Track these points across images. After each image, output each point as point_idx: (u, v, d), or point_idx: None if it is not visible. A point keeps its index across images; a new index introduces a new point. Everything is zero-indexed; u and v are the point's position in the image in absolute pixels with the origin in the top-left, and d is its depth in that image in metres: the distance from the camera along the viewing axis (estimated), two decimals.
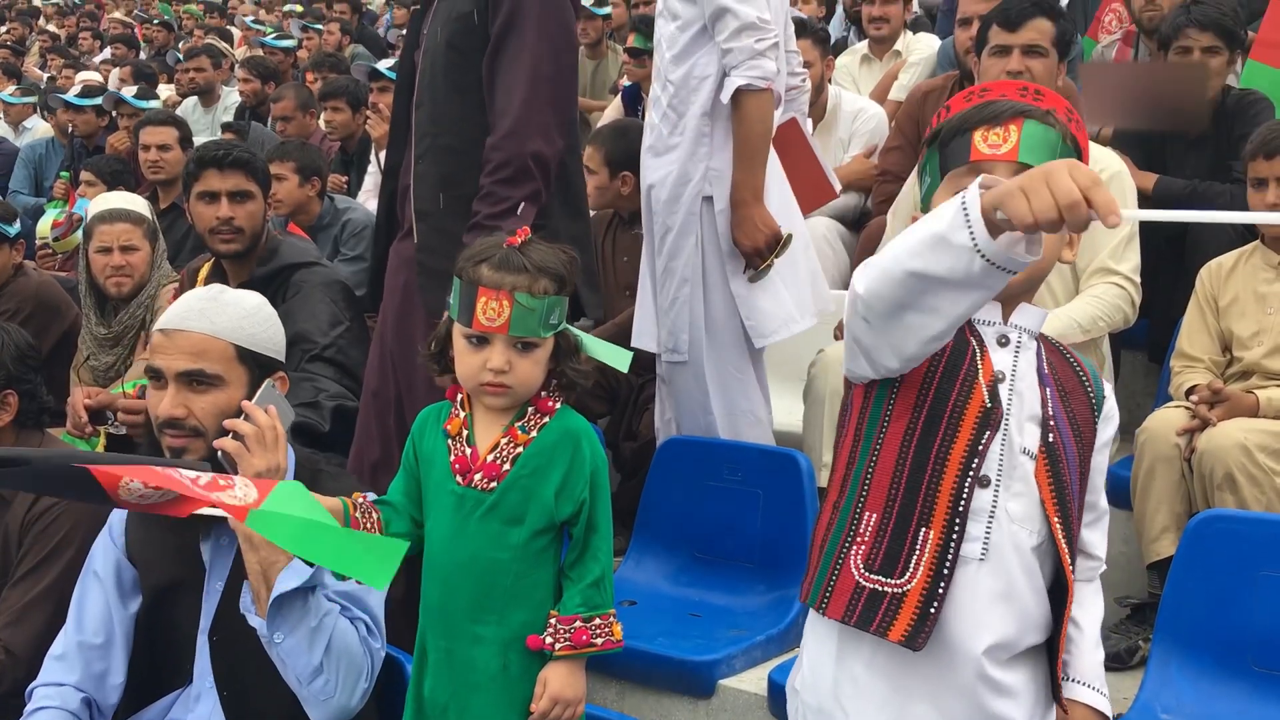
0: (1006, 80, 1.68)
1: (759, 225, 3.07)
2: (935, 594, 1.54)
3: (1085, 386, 1.66)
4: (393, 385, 2.90)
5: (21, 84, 10.37)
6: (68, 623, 2.22)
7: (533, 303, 1.85)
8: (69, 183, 6.72)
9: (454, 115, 2.77)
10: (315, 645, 1.95)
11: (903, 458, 1.58)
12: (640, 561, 3.20)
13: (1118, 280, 3.10)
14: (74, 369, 3.90)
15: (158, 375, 2.13)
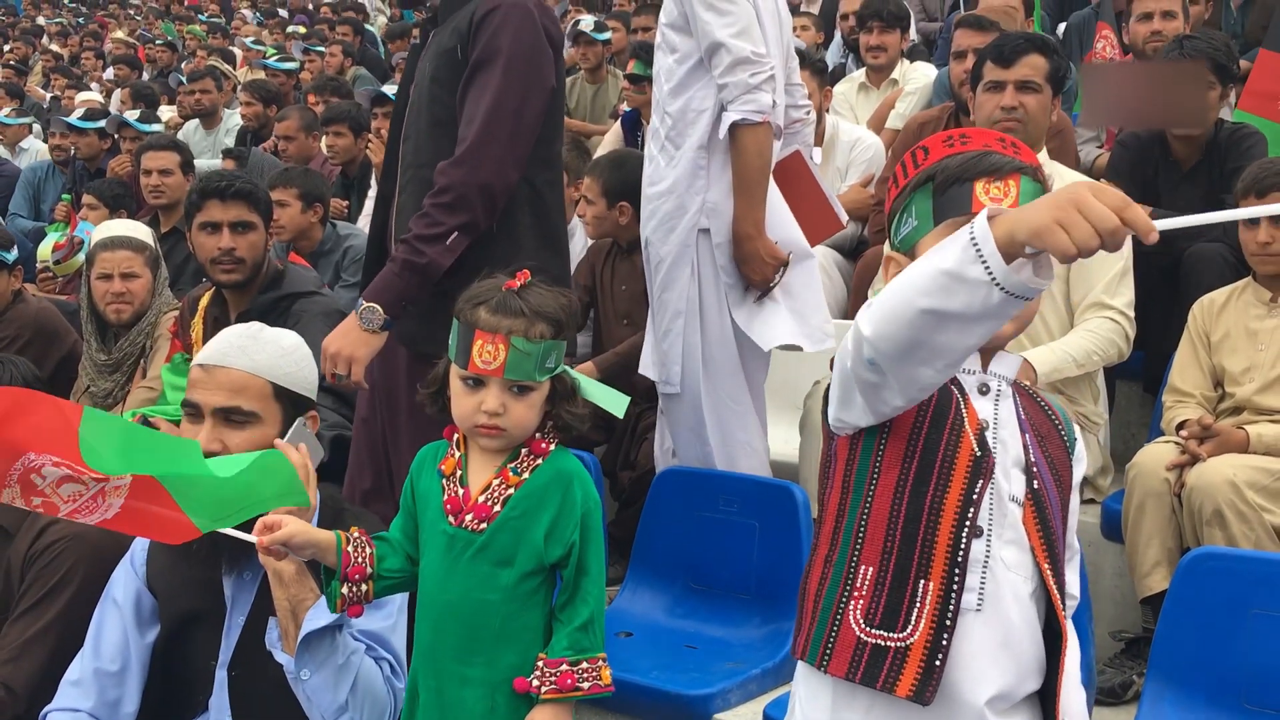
0: (985, 130, 1.69)
1: (764, 257, 3.10)
2: (940, 646, 1.53)
3: (1059, 430, 1.68)
4: (380, 419, 2.91)
5: (23, 104, 10.43)
6: (85, 648, 2.23)
7: (529, 347, 1.86)
8: (71, 205, 6.75)
9: (434, 148, 2.79)
10: (341, 683, 1.97)
11: (896, 509, 1.57)
12: (636, 592, 3.21)
13: (1112, 315, 3.13)
14: (74, 395, 3.92)
15: (195, 409, 2.17)
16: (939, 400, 1.59)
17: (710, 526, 3.15)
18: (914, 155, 1.67)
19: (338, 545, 1.86)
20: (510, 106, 2.70)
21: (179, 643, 2.23)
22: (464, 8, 2.79)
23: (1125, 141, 3.98)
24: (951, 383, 1.60)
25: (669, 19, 3.16)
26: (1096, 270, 3.14)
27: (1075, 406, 3.21)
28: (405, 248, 2.65)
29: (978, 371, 1.62)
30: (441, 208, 2.66)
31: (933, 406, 1.59)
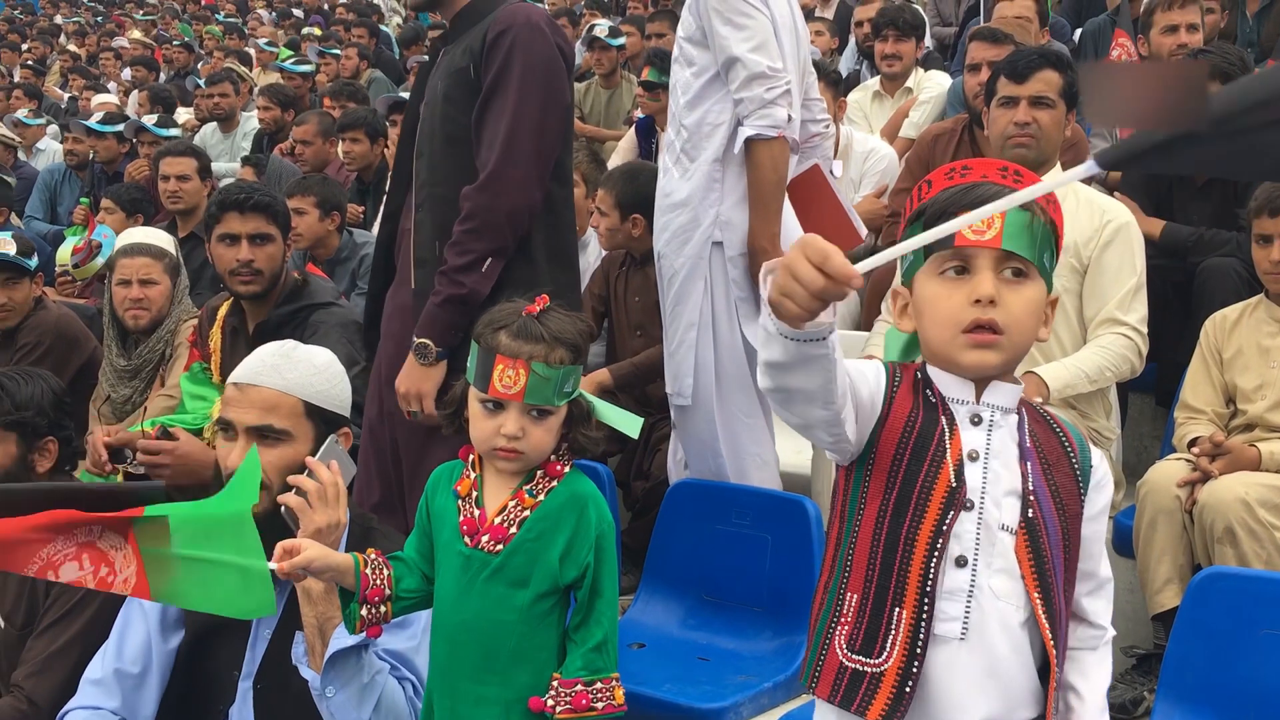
0: (988, 160, 1.71)
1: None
2: (910, 674, 1.58)
3: (1070, 456, 1.67)
4: (388, 432, 2.94)
5: (41, 104, 10.50)
6: (108, 647, 2.26)
7: (548, 372, 1.89)
8: (89, 209, 6.80)
9: (449, 166, 2.83)
10: (365, 702, 2.00)
11: (876, 538, 1.62)
12: (649, 603, 3.23)
13: (1125, 331, 3.14)
14: (93, 403, 3.96)
15: (228, 427, 2.19)
16: (921, 432, 1.62)
17: (723, 539, 3.17)
18: (920, 189, 1.70)
19: (355, 568, 1.88)
20: (529, 127, 2.73)
21: (202, 651, 2.25)
22: (475, 27, 2.82)
23: None
24: (941, 413, 1.63)
25: (687, 33, 3.17)
26: (1110, 286, 3.15)
27: (1087, 422, 3.22)
28: (444, 280, 2.71)
29: (970, 402, 1.64)
30: (471, 234, 2.71)
31: (914, 438, 1.62)
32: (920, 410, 1.63)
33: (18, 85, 11.27)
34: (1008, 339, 1.59)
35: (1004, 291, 1.58)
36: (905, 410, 1.63)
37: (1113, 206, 3.25)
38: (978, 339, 1.58)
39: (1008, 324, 1.58)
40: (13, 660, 2.54)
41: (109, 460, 3.29)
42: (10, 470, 2.60)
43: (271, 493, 2.13)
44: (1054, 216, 1.64)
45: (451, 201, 2.80)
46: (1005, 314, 1.57)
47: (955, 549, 1.60)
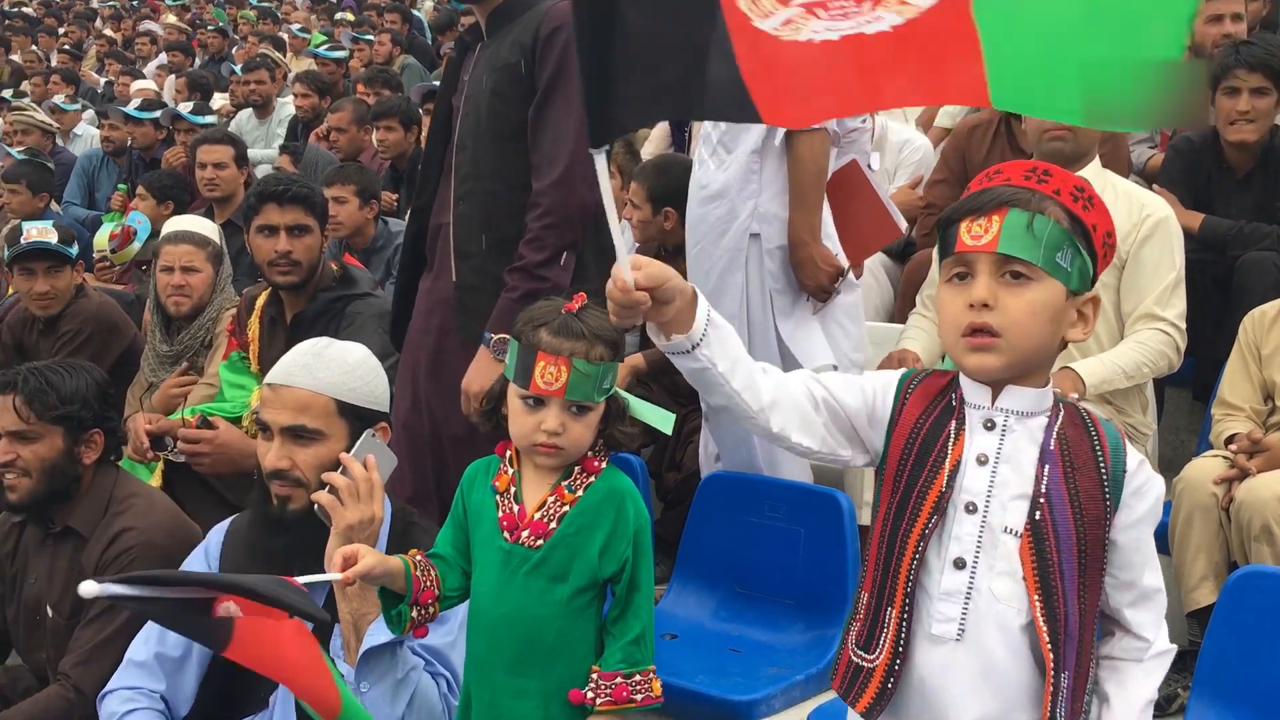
0: (1017, 163, 1.72)
1: (820, 264, 3.13)
2: (893, 671, 1.66)
3: (1098, 460, 1.64)
4: (427, 425, 2.95)
5: (78, 89, 10.60)
6: (150, 632, 2.30)
7: (589, 369, 1.90)
8: (126, 195, 6.88)
9: (496, 160, 2.83)
10: (399, 698, 2.02)
11: (881, 540, 1.69)
12: (681, 595, 3.25)
13: (1163, 326, 3.12)
14: (133, 390, 4.01)
15: (265, 428, 2.23)
16: (926, 438, 1.66)
17: (756, 532, 3.18)
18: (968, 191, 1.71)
19: (406, 571, 1.88)
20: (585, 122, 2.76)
21: None
22: (518, 21, 2.82)
23: (1179, 147, 3.95)
24: (953, 418, 1.66)
25: None
26: (1147, 281, 3.13)
27: (1124, 417, 3.20)
28: (523, 276, 2.73)
29: (985, 406, 1.66)
30: (550, 229, 2.74)
31: (919, 444, 1.66)
32: (931, 416, 1.67)
33: (55, 70, 11.38)
34: (1006, 342, 1.60)
35: (1002, 294, 1.59)
36: (914, 416, 1.68)
37: (1152, 200, 3.23)
38: (975, 342, 1.61)
39: (1004, 326, 1.59)
40: (60, 649, 2.60)
41: (150, 447, 3.35)
42: (57, 463, 2.65)
43: (309, 491, 2.16)
44: (1082, 213, 1.62)
45: (499, 196, 2.81)
46: (1001, 317, 1.59)
47: (955, 551, 1.63)
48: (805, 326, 3.20)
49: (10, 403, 2.63)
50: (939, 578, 1.64)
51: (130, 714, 2.22)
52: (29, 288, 4.13)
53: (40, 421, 2.63)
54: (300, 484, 2.19)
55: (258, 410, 2.28)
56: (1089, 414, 1.70)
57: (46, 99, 9.85)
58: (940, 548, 1.64)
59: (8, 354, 4.31)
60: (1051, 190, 1.61)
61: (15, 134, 8.15)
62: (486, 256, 2.83)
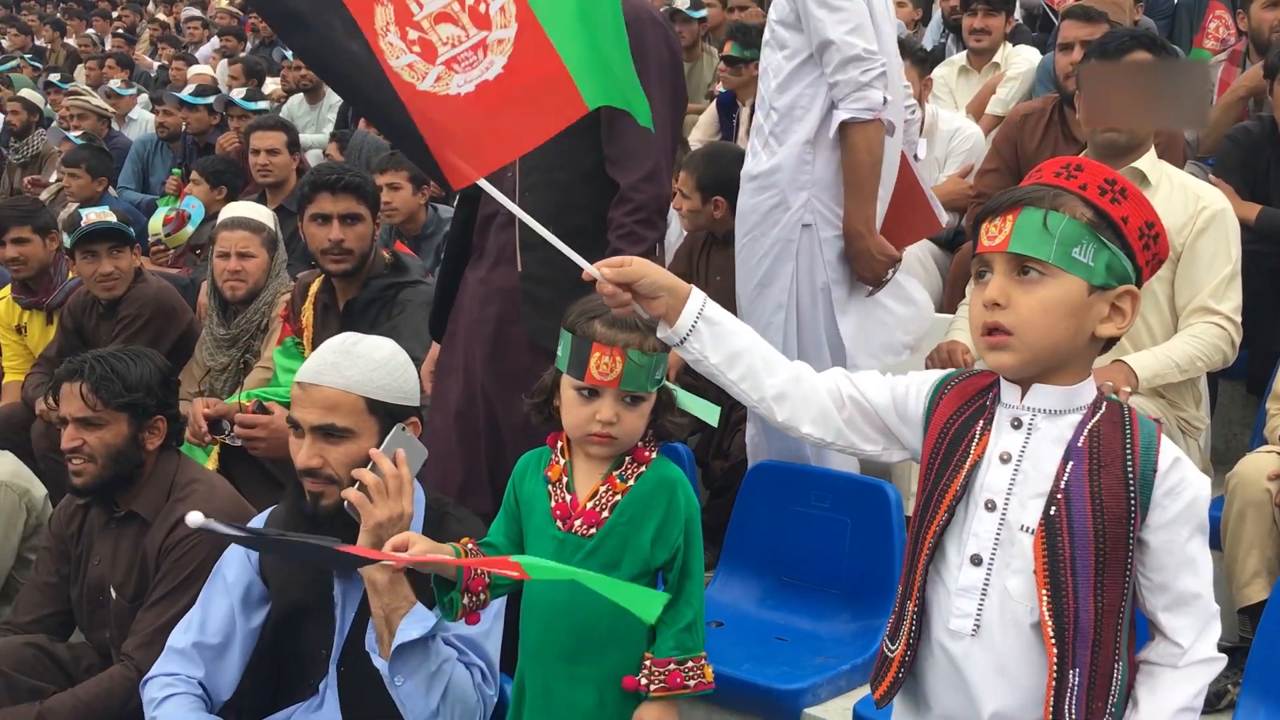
0: (1056, 159, 1.72)
1: (876, 254, 3.15)
2: (905, 662, 1.72)
3: (1126, 458, 1.62)
4: (483, 414, 2.95)
5: (133, 73, 10.73)
6: (191, 620, 2.35)
7: (643, 359, 1.93)
8: (181, 179, 6.98)
9: (565, 153, 2.83)
10: (433, 690, 2.05)
11: (911, 537, 1.75)
12: (728, 583, 3.27)
13: (1218, 320, 3.08)
14: (187, 372, 4.08)
15: (297, 426, 2.25)
16: (954, 438, 1.70)
17: (802, 521, 3.19)
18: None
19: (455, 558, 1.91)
20: (667, 118, 2.82)
21: (291, 631, 2.33)
22: None
23: (1236, 137, 3.90)
24: (983, 418, 1.70)
25: (779, 15, 3.17)
26: (1203, 274, 3.09)
27: (1176, 411, 3.18)
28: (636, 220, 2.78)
29: (1014, 405, 1.68)
30: (644, 224, 2.80)
31: (946, 444, 1.70)
32: (962, 416, 1.71)
33: (109, 54, 11.54)
34: (1019, 339, 1.61)
35: (1014, 293, 1.61)
36: (945, 416, 1.72)
37: (1208, 193, 3.19)
38: (990, 341, 1.64)
39: (1016, 325, 1.61)
40: (122, 629, 2.66)
41: (208, 431, 3.41)
42: (122, 449, 2.71)
43: (340, 487, 2.18)
44: (1112, 208, 1.62)
45: (566, 188, 2.84)
46: (1013, 315, 1.61)
47: (973, 547, 1.67)
48: (861, 320, 3.21)
49: (77, 390, 2.69)
50: (957, 574, 1.67)
51: (168, 699, 2.26)
52: (94, 270, 4.21)
53: (107, 409, 2.69)
54: (332, 481, 2.21)
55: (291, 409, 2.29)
56: (1131, 412, 1.67)
57: (101, 83, 9.99)
58: (960, 544, 1.68)
59: (69, 338, 4.39)
60: (1078, 185, 1.62)
61: (72, 118, 8.29)
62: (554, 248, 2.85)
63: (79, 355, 2.81)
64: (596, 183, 2.84)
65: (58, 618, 2.87)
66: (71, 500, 2.88)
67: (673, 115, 2.88)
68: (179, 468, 2.79)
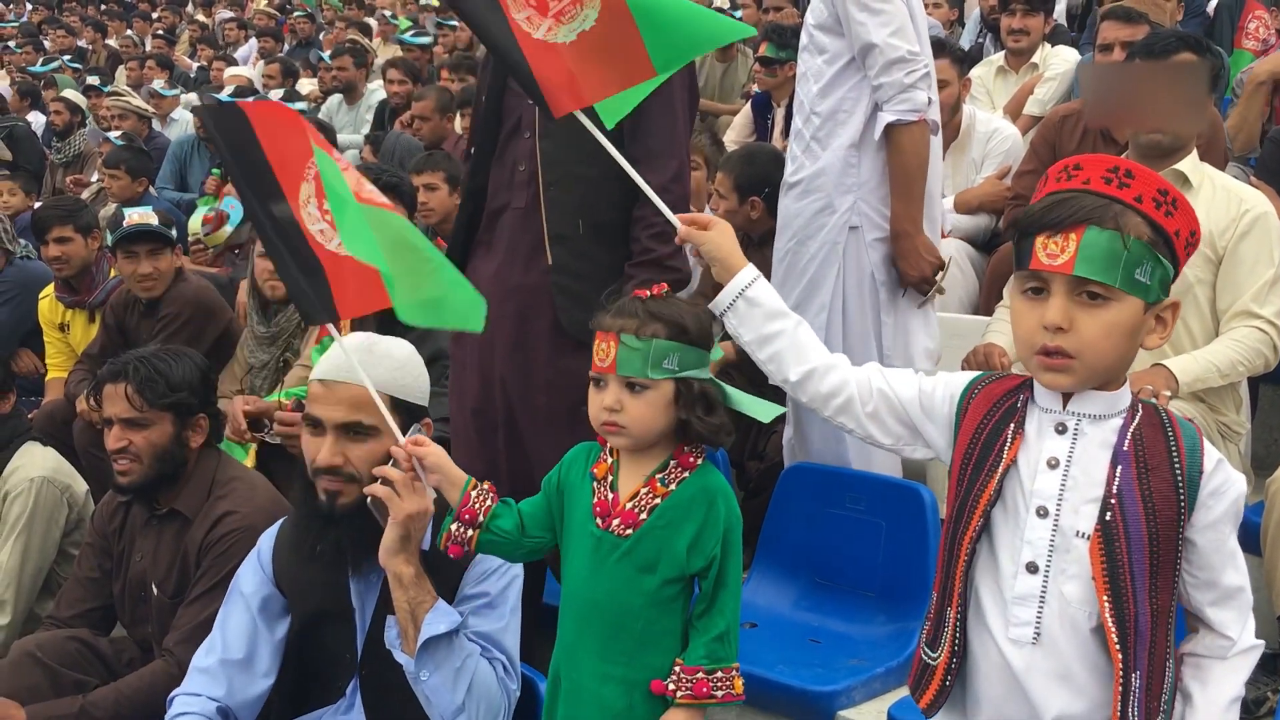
0: (1100, 156, 1.69)
1: (923, 254, 3.15)
2: (950, 669, 1.71)
3: (1173, 461, 1.63)
4: (501, 408, 2.93)
5: (173, 74, 10.86)
6: (213, 638, 2.35)
7: (637, 344, 1.93)
8: (220, 179, 7.05)
9: (593, 149, 2.84)
10: (459, 684, 2.06)
11: (946, 543, 1.74)
12: (762, 584, 3.27)
13: (1260, 324, 3.05)
14: (228, 371, 4.13)
15: (317, 424, 2.24)
16: (986, 442, 1.69)
17: (837, 523, 3.19)
18: (1042, 183, 1.71)
19: (464, 488, 1.98)
20: (684, 119, 2.84)
21: (313, 638, 2.33)
22: None
23: (1276, 139, 3.85)
24: (1013, 421, 1.68)
25: (817, 20, 3.17)
26: (1245, 277, 3.06)
27: (1216, 415, 3.14)
28: (655, 269, 2.74)
29: (1056, 410, 1.67)
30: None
31: (979, 448, 1.69)
32: (992, 420, 1.70)
33: (150, 55, 11.67)
34: (1080, 362, 1.60)
35: (1078, 315, 1.59)
36: (976, 420, 1.71)
37: (1251, 195, 3.15)
38: (1049, 363, 1.62)
39: (1079, 349, 1.59)
40: (164, 625, 2.70)
41: (248, 429, 3.45)
42: (167, 448, 2.74)
43: (361, 484, 2.19)
44: (1163, 219, 1.60)
45: (594, 182, 2.80)
46: (1076, 340, 1.59)
47: (1028, 555, 1.65)
48: (906, 320, 3.21)
49: (122, 391, 2.72)
50: (1011, 581, 1.65)
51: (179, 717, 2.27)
52: (133, 270, 4.26)
53: (152, 409, 2.72)
54: (353, 479, 2.21)
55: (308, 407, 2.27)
56: (1168, 414, 1.69)
57: (143, 84, 10.10)
58: (1014, 551, 1.66)
59: (111, 336, 4.46)
60: (1133, 197, 1.59)
61: (113, 119, 8.38)
62: (584, 240, 2.84)
63: (120, 356, 2.84)
64: (624, 179, 2.84)
65: (99, 612, 2.92)
66: (113, 497, 2.92)
67: (689, 115, 2.91)
68: (219, 465, 2.82)
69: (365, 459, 2.21)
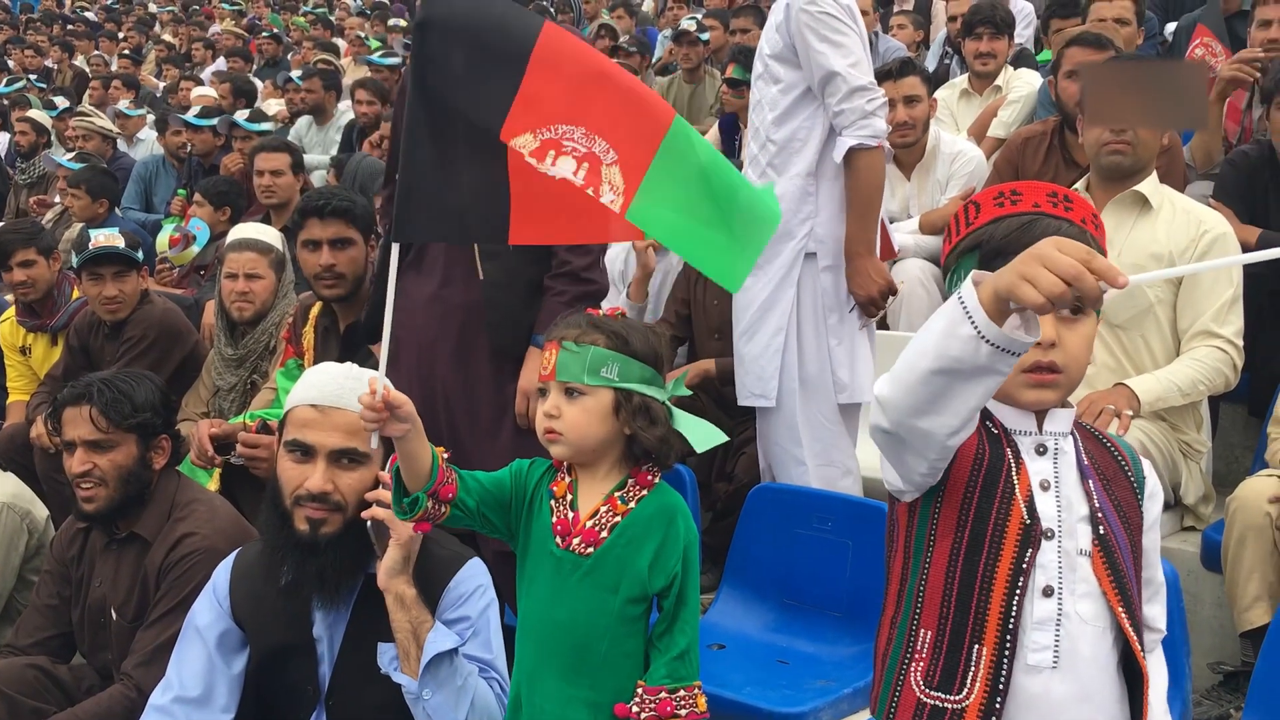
0: (1036, 184, 1.71)
1: (873, 276, 3.20)
2: (993, 709, 1.60)
3: (1125, 470, 1.71)
4: (444, 425, 2.96)
5: (139, 94, 10.79)
6: (169, 676, 2.32)
7: (576, 349, 1.96)
8: (185, 200, 7.00)
9: None
10: (461, 703, 2.07)
11: (950, 577, 1.63)
12: (729, 605, 3.26)
13: (1220, 344, 3.09)
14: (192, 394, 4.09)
15: (306, 450, 2.21)
16: (989, 467, 1.63)
17: (804, 544, 3.19)
18: (966, 211, 1.71)
19: (434, 459, 1.92)
20: None
21: (274, 669, 2.31)
22: None
23: (1234, 161, 3.91)
24: (1006, 445, 1.64)
25: (773, 49, 3.23)
26: (1205, 297, 3.11)
27: (1178, 434, 3.18)
28: (569, 280, 2.84)
29: (1033, 432, 1.67)
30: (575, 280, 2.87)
31: (984, 474, 1.63)
32: (985, 444, 1.65)
33: (116, 75, 11.59)
34: (1066, 377, 1.63)
35: (1063, 332, 1.62)
36: (973, 445, 1.65)
37: (1210, 217, 3.20)
38: (1037, 379, 1.62)
39: (1066, 363, 1.62)
40: (123, 650, 2.66)
41: (215, 453, 3.42)
42: (132, 470, 2.71)
43: (346, 513, 2.19)
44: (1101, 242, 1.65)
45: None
46: (1064, 354, 1.62)
47: (1041, 580, 1.62)
48: (854, 345, 3.25)
49: (86, 413, 2.69)
50: (1030, 608, 1.62)
51: None
52: (97, 292, 4.22)
53: (117, 429, 2.69)
54: (339, 508, 2.20)
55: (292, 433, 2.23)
56: (1095, 429, 1.76)
57: (109, 104, 10.03)
58: (1026, 578, 1.63)
59: (75, 357, 4.41)
60: (1080, 219, 1.64)
61: (77, 139, 8.32)
62: (514, 256, 2.90)
63: (79, 380, 2.81)
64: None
65: (59, 640, 2.87)
66: (73, 523, 2.89)
67: None
68: (179, 487, 2.80)
69: (354, 487, 2.20)
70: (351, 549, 2.20)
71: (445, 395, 2.96)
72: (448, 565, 2.27)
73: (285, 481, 2.24)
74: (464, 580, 2.26)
